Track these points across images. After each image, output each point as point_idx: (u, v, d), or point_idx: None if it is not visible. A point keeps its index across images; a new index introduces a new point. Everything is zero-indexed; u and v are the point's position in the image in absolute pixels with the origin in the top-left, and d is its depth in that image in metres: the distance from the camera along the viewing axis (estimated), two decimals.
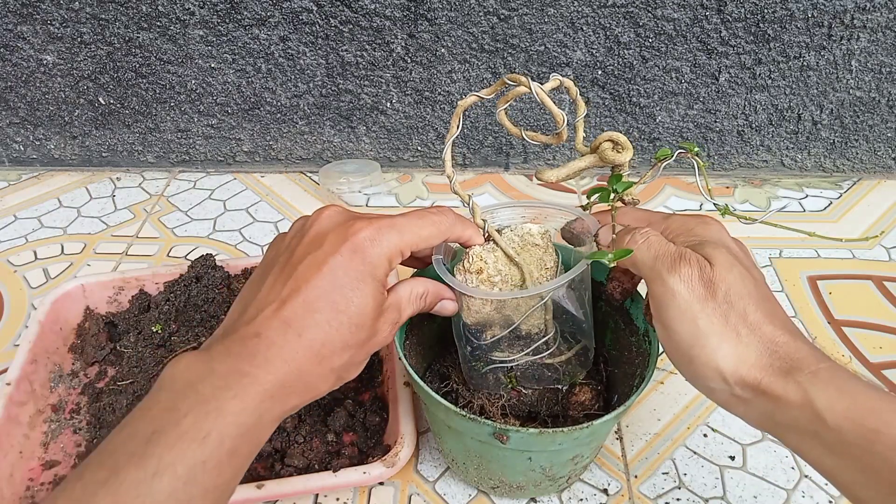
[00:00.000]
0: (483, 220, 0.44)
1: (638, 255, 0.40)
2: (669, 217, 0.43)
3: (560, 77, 0.41)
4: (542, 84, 0.40)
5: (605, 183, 0.44)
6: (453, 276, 0.44)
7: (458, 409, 0.43)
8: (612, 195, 0.44)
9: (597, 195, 0.45)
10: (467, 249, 0.44)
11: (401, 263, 0.42)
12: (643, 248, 0.40)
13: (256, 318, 0.36)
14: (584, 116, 0.43)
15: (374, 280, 0.38)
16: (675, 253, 0.38)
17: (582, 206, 0.48)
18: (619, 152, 0.44)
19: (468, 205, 0.44)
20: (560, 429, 0.42)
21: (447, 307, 0.45)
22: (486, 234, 0.45)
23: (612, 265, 0.44)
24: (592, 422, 0.43)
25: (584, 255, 0.44)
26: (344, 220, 0.39)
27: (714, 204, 0.45)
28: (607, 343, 0.55)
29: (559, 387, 0.48)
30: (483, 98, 0.41)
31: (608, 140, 0.44)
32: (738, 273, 0.37)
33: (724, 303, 0.37)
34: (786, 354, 0.35)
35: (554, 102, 0.40)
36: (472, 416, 0.43)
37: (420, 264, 0.47)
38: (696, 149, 0.44)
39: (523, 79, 0.40)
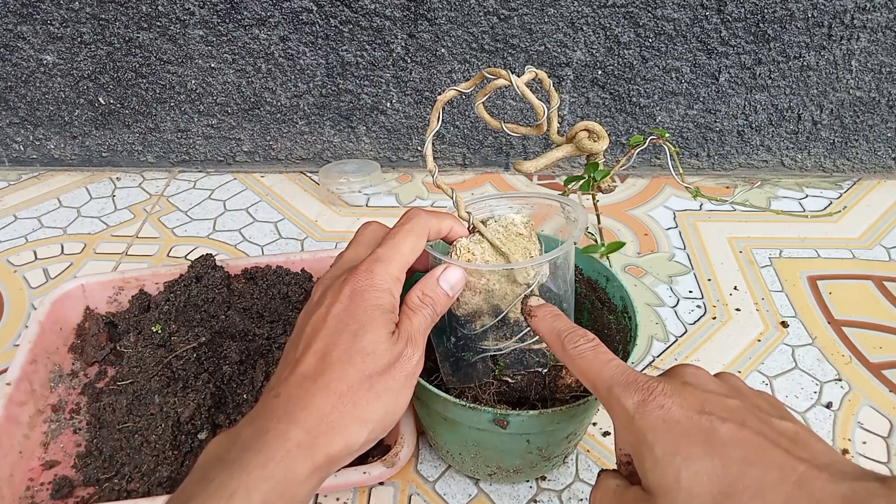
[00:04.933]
0: (468, 212, 0.44)
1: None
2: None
3: (535, 69, 0.41)
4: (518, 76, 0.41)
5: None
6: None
7: (458, 400, 0.44)
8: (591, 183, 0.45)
9: (574, 182, 0.45)
10: (454, 243, 0.44)
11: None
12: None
13: (276, 383, 0.37)
14: (559, 108, 0.44)
15: (378, 310, 0.38)
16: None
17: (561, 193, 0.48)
18: (595, 141, 0.45)
19: (452, 198, 0.44)
20: (558, 408, 0.43)
21: (451, 277, 0.43)
22: (472, 226, 0.45)
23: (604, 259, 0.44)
24: (588, 397, 0.44)
25: (564, 240, 0.45)
26: (336, 275, 0.40)
27: (686, 187, 0.46)
28: (585, 323, 0.56)
29: (542, 371, 0.49)
30: (462, 92, 0.41)
31: (584, 129, 0.44)
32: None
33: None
34: None
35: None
36: (471, 405, 0.43)
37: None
38: (667, 134, 0.45)
39: (503, 72, 0.40)
